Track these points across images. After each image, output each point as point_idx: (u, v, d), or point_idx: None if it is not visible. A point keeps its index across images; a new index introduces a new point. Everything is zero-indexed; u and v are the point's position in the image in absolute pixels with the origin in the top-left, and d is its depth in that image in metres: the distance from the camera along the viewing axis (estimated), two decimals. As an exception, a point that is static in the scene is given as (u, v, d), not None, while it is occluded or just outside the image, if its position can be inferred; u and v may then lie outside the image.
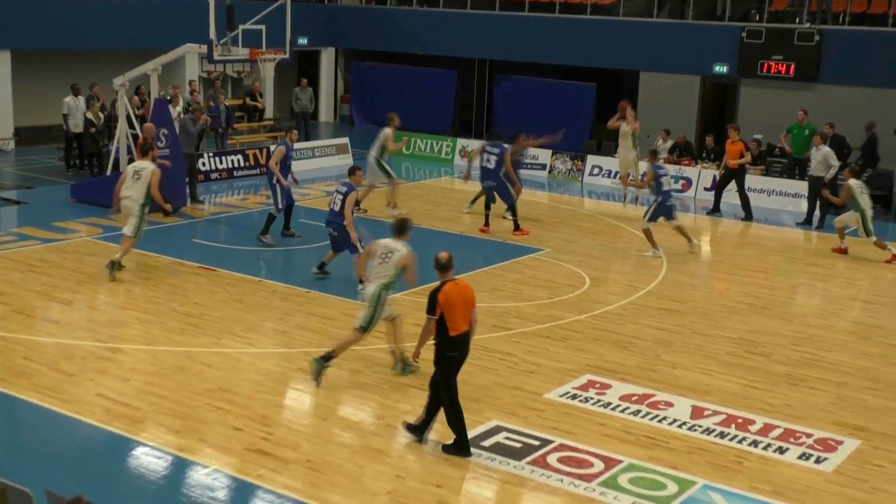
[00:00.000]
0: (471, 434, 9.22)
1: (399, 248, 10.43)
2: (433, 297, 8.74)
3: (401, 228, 10.60)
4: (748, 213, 20.05)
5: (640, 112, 26.35)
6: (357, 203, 16.08)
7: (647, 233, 16.58)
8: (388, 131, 18.53)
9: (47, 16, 24.32)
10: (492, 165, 17.62)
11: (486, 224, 17.84)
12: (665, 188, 16.52)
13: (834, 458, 9.24)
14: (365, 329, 10.43)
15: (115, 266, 13.94)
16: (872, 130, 21.45)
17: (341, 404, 10.08)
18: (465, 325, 8.86)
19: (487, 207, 17.98)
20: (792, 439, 9.58)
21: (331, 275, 14.19)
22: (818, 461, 9.16)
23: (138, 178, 14.13)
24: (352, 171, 13.92)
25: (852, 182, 17.26)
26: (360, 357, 11.24)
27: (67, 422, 9.34)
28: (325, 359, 10.34)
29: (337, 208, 13.61)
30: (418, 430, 9.10)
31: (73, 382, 10.22)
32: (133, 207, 14.09)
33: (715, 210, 20.61)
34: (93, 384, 10.18)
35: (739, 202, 20.06)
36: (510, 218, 17.91)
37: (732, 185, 20.17)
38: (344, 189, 13.65)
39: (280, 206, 15.77)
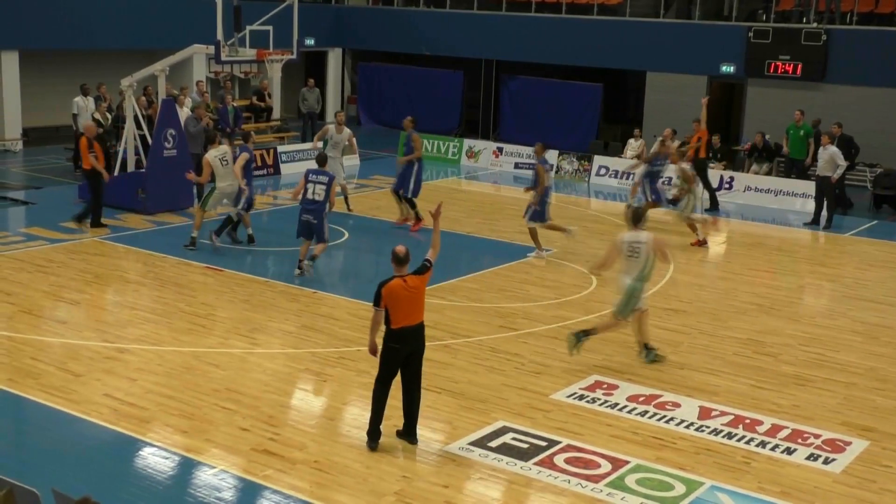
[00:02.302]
0: (478, 434, 9.24)
1: (644, 239, 10.89)
2: (378, 291, 8.75)
3: (637, 217, 11.10)
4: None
5: (646, 112, 26.47)
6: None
7: (534, 232, 15.83)
8: (325, 127, 19.42)
9: (55, 16, 24.36)
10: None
11: (418, 218, 17.50)
12: (547, 184, 15.73)
13: (842, 458, 9.21)
14: (618, 315, 11.18)
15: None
16: (818, 128, 21.43)
17: (348, 405, 10.09)
18: (408, 320, 8.74)
19: (413, 206, 17.60)
20: (800, 440, 9.55)
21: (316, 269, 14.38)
22: (826, 462, 9.13)
23: (227, 163, 15.46)
24: (323, 161, 14.57)
25: (686, 166, 17.50)
26: (366, 358, 11.21)
27: (75, 422, 9.35)
28: (585, 333, 11.16)
29: (320, 197, 13.97)
30: (406, 433, 9.06)
31: (81, 382, 10.24)
32: (232, 189, 15.57)
33: (713, 207, 20.63)
34: (100, 384, 10.20)
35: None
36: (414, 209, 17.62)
37: (735, 185, 20.11)
38: (325, 179, 14.06)
39: (242, 205, 15.78)
